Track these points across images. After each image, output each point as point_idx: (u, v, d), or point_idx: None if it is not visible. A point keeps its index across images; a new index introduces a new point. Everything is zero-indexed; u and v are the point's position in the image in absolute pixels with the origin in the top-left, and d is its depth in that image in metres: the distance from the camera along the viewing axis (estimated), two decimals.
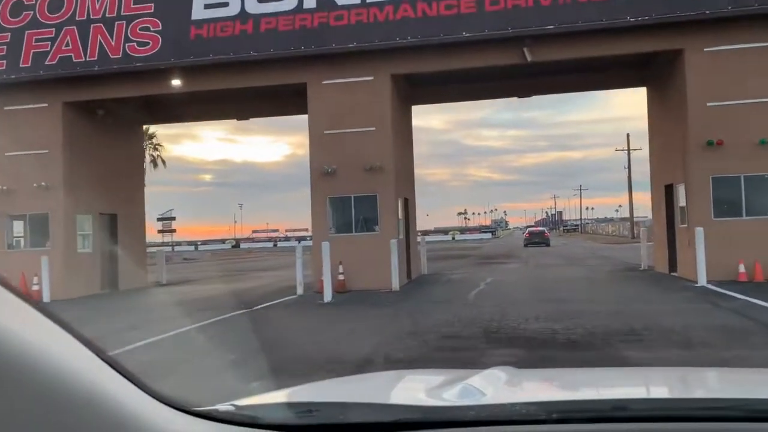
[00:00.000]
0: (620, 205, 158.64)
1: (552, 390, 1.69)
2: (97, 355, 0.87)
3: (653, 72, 15.90)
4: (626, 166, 55.18)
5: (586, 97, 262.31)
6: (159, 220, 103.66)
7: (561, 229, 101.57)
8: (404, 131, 16.78)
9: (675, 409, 1.28)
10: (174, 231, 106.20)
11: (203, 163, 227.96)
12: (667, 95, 15.21)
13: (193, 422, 1.02)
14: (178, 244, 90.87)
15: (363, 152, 14.27)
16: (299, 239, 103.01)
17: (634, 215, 56.54)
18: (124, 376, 0.91)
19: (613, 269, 18.52)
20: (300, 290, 13.67)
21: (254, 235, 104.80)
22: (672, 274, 15.13)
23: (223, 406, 1.17)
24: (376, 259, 13.91)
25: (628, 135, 55.05)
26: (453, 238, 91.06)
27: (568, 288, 13.84)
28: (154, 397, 0.95)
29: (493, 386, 1.43)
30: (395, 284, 13.54)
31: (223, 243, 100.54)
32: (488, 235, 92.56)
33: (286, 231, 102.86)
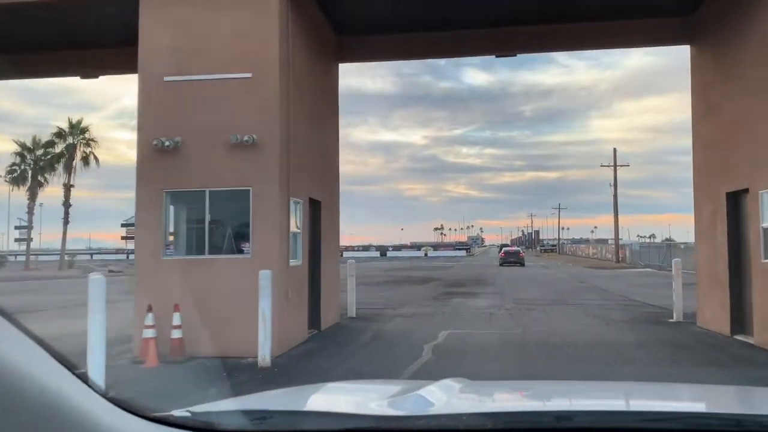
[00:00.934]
0: (596, 226, 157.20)
1: (501, 401, 1.73)
2: (57, 359, 0.87)
3: (707, 19, 10.24)
4: (611, 184, 49.99)
5: (564, 119, 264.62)
6: (123, 226, 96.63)
7: (538, 248, 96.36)
8: (319, 96, 10.76)
9: (616, 421, 1.31)
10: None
11: None
12: (732, 53, 9.53)
13: (149, 427, 1.04)
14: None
15: (228, 115, 8.27)
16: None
17: (611, 237, 51.61)
18: (83, 381, 0.91)
19: (631, 319, 12.42)
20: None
21: None
22: (737, 337, 9.36)
23: (178, 412, 1.17)
24: (243, 302, 7.90)
25: (614, 149, 50.00)
26: (426, 255, 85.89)
27: (575, 366, 7.90)
28: (111, 402, 0.96)
29: (444, 397, 1.50)
30: (263, 354, 7.42)
31: None
32: (462, 253, 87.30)
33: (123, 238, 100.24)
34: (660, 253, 38.11)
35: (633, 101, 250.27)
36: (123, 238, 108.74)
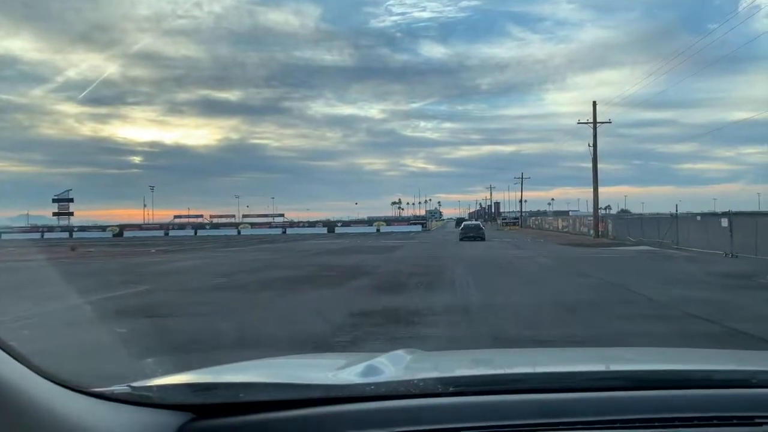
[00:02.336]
0: (552, 199, 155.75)
1: (453, 367, 1.71)
2: None
3: None
4: (590, 144, 42.44)
5: (519, 93, 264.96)
6: (54, 201, 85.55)
7: (500, 221, 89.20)
8: None
9: (564, 379, 1.37)
10: (71, 214, 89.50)
11: (133, 144, 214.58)
12: None
13: (89, 403, 1.03)
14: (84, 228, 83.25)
15: None
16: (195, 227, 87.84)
17: (571, 210, 44.63)
18: (17, 360, 0.90)
19: None
20: None
21: (176, 220, 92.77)
22: None
23: (119, 387, 1.16)
24: None
25: (594, 103, 42.39)
26: (378, 230, 78.08)
27: None
28: (49, 379, 0.95)
29: (396, 366, 1.51)
30: None
31: (104, 230, 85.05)
32: (418, 228, 79.60)
33: (211, 217, 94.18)
34: (659, 226, 30.61)
35: (587, 74, 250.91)
36: (55, 214, 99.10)
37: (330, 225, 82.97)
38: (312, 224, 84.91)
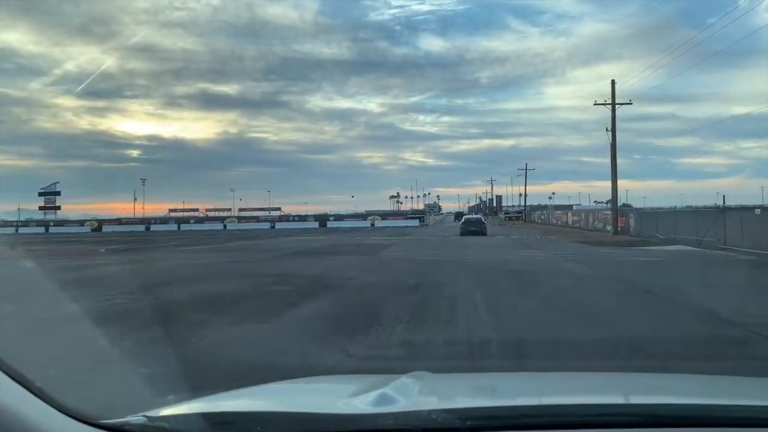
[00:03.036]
0: (553, 192, 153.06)
1: (467, 396, 1.72)
2: (0, 369, 0.82)
3: None
4: (608, 128, 37.38)
5: (519, 86, 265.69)
6: (41, 195, 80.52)
7: (503, 216, 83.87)
8: None
9: (583, 415, 1.32)
10: (58, 208, 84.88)
11: (130, 137, 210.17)
12: None
13: None
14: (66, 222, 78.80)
15: None
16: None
17: (575, 204, 39.58)
18: (30, 390, 0.88)
19: None
20: None
21: (171, 214, 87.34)
22: None
23: (134, 418, 1.14)
24: None
25: (613, 82, 37.27)
26: (372, 225, 73.22)
27: None
28: (61, 410, 0.92)
29: (409, 393, 1.49)
30: None
31: (82, 225, 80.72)
32: (415, 222, 74.69)
33: (206, 211, 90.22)
34: (696, 221, 25.53)
35: (586, 68, 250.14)
36: (41, 208, 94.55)
37: (322, 219, 77.97)
38: (303, 218, 79.89)
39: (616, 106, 36.75)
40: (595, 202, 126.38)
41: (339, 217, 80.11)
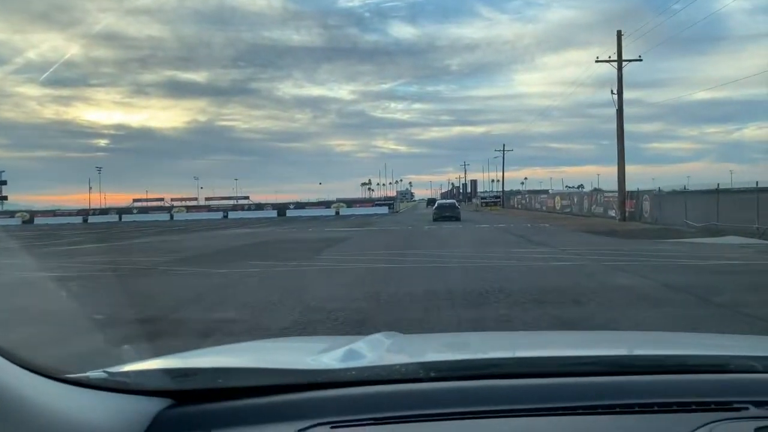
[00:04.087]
0: (526, 178, 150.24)
1: (432, 352, 1.68)
2: None
3: None
4: (613, 91, 30.80)
5: (489, 73, 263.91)
6: None
7: (478, 201, 76.79)
8: None
9: (544, 365, 1.36)
10: (5, 198, 76.47)
11: (97, 126, 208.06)
12: None
13: (64, 390, 1.01)
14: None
15: None
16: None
17: (538, 189, 33.19)
18: None
19: None
20: None
21: (135, 204, 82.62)
22: None
23: (94, 373, 1.14)
24: None
25: (619, 33, 30.51)
26: (337, 213, 66.20)
27: None
28: (22, 366, 0.94)
29: (376, 350, 1.48)
30: None
31: (12, 216, 72.86)
32: (384, 209, 67.73)
33: (172, 200, 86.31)
34: (739, 206, 18.91)
35: (555, 55, 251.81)
36: None
37: (281, 208, 70.50)
38: (260, 207, 72.25)
39: (624, 64, 30.03)
40: (566, 187, 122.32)
41: (300, 205, 72.73)
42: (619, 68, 29.94)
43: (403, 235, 24.05)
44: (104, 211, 74.12)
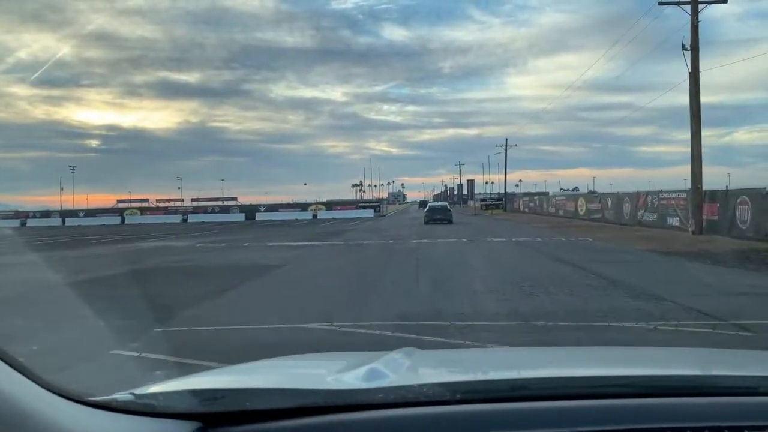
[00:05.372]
0: (520, 180, 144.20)
1: (456, 371, 1.68)
2: None
3: None
4: (685, 45, 21.65)
5: (481, 76, 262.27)
6: None
7: (477, 204, 66.68)
8: None
9: (569, 387, 1.31)
10: None
11: (88, 127, 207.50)
12: None
13: (90, 414, 0.99)
14: None
15: None
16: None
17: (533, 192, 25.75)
18: (15, 368, 0.88)
19: None
20: None
21: (119, 205, 75.76)
22: None
23: (121, 395, 1.12)
24: None
25: None
26: (314, 216, 57.06)
27: None
28: (47, 389, 0.93)
29: (399, 368, 1.46)
30: None
31: None
32: (369, 212, 58.47)
33: (157, 201, 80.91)
34: None
35: (547, 58, 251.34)
36: None
37: (250, 210, 61.04)
38: (224, 209, 62.65)
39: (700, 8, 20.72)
40: (561, 189, 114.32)
41: (273, 208, 63.17)
42: (695, 12, 20.65)
43: (376, 261, 14.60)
44: (46, 214, 64.41)
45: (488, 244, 19.57)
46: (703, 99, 21.74)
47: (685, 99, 21.64)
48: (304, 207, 62.89)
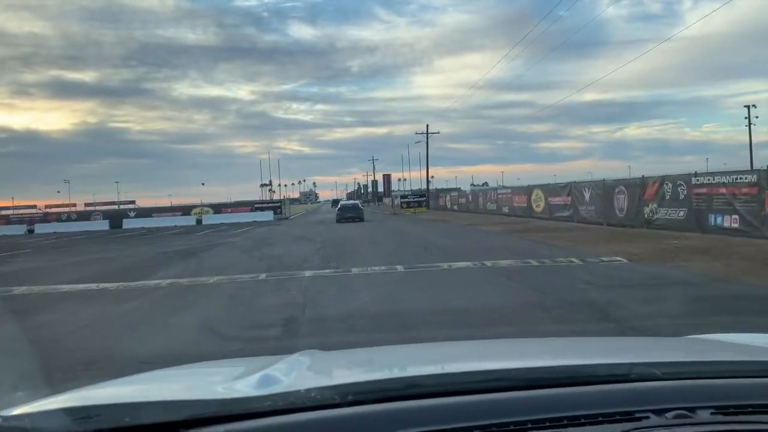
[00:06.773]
0: (432, 176, 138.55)
1: (352, 372, 1.62)
2: None
3: None
4: None
5: (389, 75, 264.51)
6: None
7: (396, 202, 57.53)
8: None
9: (463, 383, 1.28)
10: None
11: None
12: None
13: None
14: None
15: None
16: None
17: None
18: None
19: None
20: None
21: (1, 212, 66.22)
22: None
23: None
24: None
25: None
26: (199, 222, 46.20)
27: None
28: None
29: (294, 372, 1.40)
30: None
31: None
32: (268, 215, 47.97)
33: (46, 207, 73.74)
34: None
35: (452, 58, 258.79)
36: None
37: (116, 217, 48.64)
38: (83, 216, 49.73)
39: None
40: (472, 185, 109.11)
41: (146, 212, 50.98)
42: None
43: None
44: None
45: (452, 275, 9.96)
46: (596, 96, 13.44)
47: (582, 96, 13.05)
48: (186, 210, 51.14)
